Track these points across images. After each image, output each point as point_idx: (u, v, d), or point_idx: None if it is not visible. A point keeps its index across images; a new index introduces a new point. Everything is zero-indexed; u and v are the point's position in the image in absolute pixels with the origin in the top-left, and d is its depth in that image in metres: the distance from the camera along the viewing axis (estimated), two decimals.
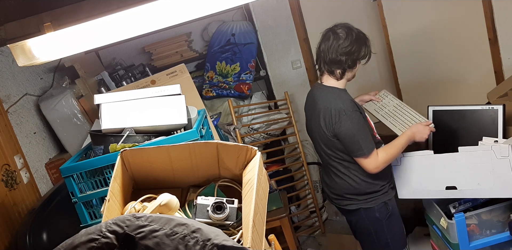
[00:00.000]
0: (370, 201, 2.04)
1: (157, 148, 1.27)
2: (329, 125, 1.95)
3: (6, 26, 1.31)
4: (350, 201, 2.08)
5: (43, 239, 1.92)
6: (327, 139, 2.01)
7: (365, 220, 2.08)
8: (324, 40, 1.97)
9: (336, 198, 2.14)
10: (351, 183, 2.04)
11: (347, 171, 2.04)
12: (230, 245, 0.92)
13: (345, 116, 1.90)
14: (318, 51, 2.01)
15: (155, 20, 1.29)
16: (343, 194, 2.09)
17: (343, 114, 1.90)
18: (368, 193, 2.03)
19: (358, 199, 2.05)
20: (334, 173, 2.09)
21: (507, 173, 1.85)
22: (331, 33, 1.96)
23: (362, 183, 2.03)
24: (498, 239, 2.05)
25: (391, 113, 2.23)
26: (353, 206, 2.07)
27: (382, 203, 2.04)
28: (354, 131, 1.91)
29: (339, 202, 2.13)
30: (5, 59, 2.49)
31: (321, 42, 1.98)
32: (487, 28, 2.96)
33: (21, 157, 2.29)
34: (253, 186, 1.13)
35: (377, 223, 2.06)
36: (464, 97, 2.98)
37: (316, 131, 2.07)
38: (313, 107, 2.06)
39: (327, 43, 1.95)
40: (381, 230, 2.07)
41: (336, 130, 1.93)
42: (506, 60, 2.97)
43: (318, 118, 1.99)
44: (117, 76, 2.91)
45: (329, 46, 1.94)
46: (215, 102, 3.46)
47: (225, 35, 3.38)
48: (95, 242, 0.93)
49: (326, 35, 1.97)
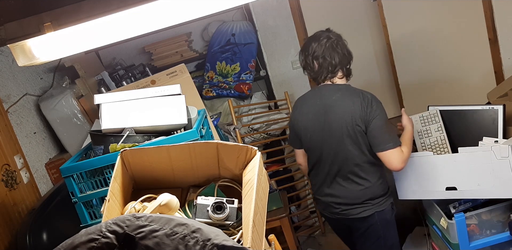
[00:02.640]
0: (382, 203, 1.98)
1: (157, 148, 1.27)
2: (364, 113, 1.88)
3: (6, 26, 1.31)
4: (365, 207, 1.97)
5: (43, 239, 1.92)
6: (359, 134, 1.89)
7: (378, 224, 1.99)
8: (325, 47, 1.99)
9: (346, 209, 2.00)
10: (369, 186, 1.96)
11: (366, 174, 1.96)
12: (230, 245, 0.92)
13: (378, 104, 1.91)
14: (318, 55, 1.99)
15: (155, 20, 1.29)
16: (358, 201, 1.98)
17: (376, 101, 1.91)
18: (382, 195, 1.98)
19: (372, 203, 1.97)
20: (350, 179, 1.97)
21: (507, 174, 1.85)
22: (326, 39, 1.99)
23: (379, 186, 1.97)
24: (498, 239, 2.05)
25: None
26: (368, 211, 1.97)
27: (390, 203, 2.02)
28: (385, 120, 1.89)
29: (350, 211, 2.00)
30: (5, 59, 2.49)
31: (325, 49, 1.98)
32: (487, 28, 2.96)
33: (21, 157, 2.29)
34: (253, 186, 1.13)
35: (388, 225, 2.02)
36: (464, 97, 2.98)
37: (335, 130, 1.93)
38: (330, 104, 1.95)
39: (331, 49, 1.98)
40: (389, 231, 2.03)
41: (370, 117, 1.87)
42: (506, 60, 2.97)
43: (344, 113, 1.91)
44: (117, 76, 2.90)
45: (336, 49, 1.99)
46: (215, 102, 3.46)
47: (225, 35, 3.38)
48: (95, 242, 0.93)
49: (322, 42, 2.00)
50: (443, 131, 2.13)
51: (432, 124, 2.16)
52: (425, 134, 2.17)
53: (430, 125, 2.16)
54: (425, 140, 2.16)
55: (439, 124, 2.14)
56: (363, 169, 1.95)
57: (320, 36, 2.00)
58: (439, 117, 2.15)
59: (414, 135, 2.16)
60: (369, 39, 3.56)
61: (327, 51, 1.97)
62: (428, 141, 2.15)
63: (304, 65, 2.07)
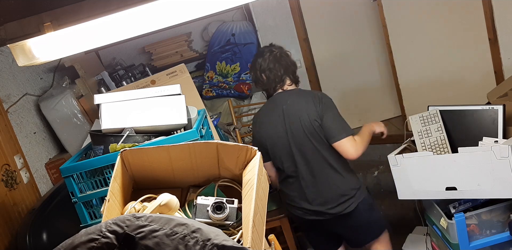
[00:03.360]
0: (359, 192, 2.10)
1: (157, 148, 1.27)
2: (317, 109, 2.03)
3: (6, 26, 1.31)
4: (349, 200, 2.07)
5: (43, 239, 1.92)
6: (318, 129, 2.02)
7: (363, 214, 2.10)
8: (269, 60, 2.15)
9: (332, 207, 2.07)
10: (343, 180, 2.08)
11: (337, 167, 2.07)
12: (230, 245, 0.92)
13: (329, 100, 2.10)
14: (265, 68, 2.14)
15: (155, 20, 1.29)
16: (340, 196, 2.06)
17: (326, 97, 2.10)
18: (358, 189, 2.09)
19: (351, 194, 2.07)
20: (326, 175, 2.07)
21: (507, 174, 1.85)
22: (268, 53, 2.17)
23: (351, 178, 2.11)
24: (498, 239, 2.05)
25: None
26: (353, 205, 2.07)
27: (366, 189, 2.15)
28: (336, 113, 2.06)
29: (338, 209, 2.07)
30: (5, 59, 2.49)
31: (269, 62, 2.15)
32: (487, 28, 2.96)
33: (21, 157, 2.29)
34: (253, 186, 1.13)
35: (371, 210, 2.14)
36: (464, 97, 2.98)
37: (297, 129, 2.05)
38: (287, 108, 2.08)
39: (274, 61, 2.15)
40: (374, 213, 2.16)
41: (323, 112, 2.03)
42: (506, 60, 2.97)
43: (302, 112, 2.05)
44: (117, 76, 2.91)
45: (280, 61, 2.15)
46: (215, 102, 3.46)
47: (225, 35, 3.38)
48: (95, 242, 0.93)
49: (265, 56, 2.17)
50: (443, 131, 2.13)
51: (432, 124, 2.16)
52: (425, 134, 2.17)
53: (430, 125, 2.16)
54: (425, 140, 2.16)
55: (439, 124, 2.14)
56: (333, 164, 2.06)
57: (263, 52, 2.19)
58: (439, 117, 2.15)
59: (414, 135, 2.16)
60: (369, 39, 3.56)
61: (271, 63, 2.14)
62: (428, 141, 2.15)
63: (255, 80, 2.24)
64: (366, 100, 3.65)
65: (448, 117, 2.17)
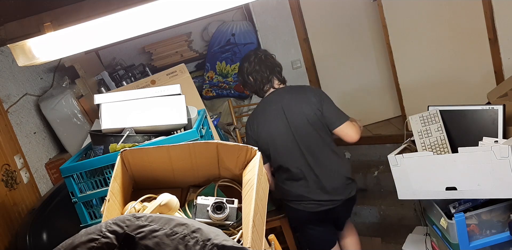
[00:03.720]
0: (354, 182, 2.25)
1: (157, 148, 1.27)
2: (317, 99, 2.15)
3: (6, 26, 1.31)
4: (351, 183, 2.22)
5: (43, 239, 1.92)
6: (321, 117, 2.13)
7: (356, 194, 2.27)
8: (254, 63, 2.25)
9: (341, 192, 2.19)
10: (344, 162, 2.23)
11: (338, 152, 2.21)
12: (230, 245, 0.92)
13: (322, 91, 2.27)
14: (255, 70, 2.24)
15: (155, 20, 1.29)
16: (346, 179, 2.19)
17: (318, 89, 2.27)
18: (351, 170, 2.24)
19: (352, 177, 2.22)
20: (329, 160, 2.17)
21: (507, 174, 1.85)
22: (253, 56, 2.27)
23: (345, 160, 2.27)
24: (498, 239, 2.05)
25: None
26: (355, 187, 2.24)
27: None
28: (332, 102, 2.21)
29: (346, 192, 2.19)
30: (5, 59, 2.49)
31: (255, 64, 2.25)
32: (487, 28, 2.95)
33: (21, 157, 2.29)
34: (253, 186, 1.13)
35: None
36: (464, 97, 2.98)
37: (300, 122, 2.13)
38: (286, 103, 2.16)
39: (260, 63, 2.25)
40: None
41: (322, 101, 2.15)
42: (506, 60, 2.97)
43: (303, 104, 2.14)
44: (117, 76, 2.90)
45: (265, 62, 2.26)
46: (215, 102, 3.46)
47: (225, 35, 3.38)
48: (95, 242, 0.93)
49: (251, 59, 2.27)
50: (443, 131, 2.13)
51: (432, 124, 2.16)
52: (425, 134, 2.17)
53: (430, 125, 2.16)
54: (425, 140, 2.16)
55: (439, 124, 2.14)
56: (335, 150, 2.20)
57: (248, 56, 2.29)
58: (439, 117, 2.15)
59: (414, 135, 2.17)
60: (369, 39, 3.56)
61: (257, 66, 2.23)
62: (428, 141, 2.15)
63: (243, 84, 2.33)
64: (366, 100, 3.65)
65: (448, 117, 2.17)
